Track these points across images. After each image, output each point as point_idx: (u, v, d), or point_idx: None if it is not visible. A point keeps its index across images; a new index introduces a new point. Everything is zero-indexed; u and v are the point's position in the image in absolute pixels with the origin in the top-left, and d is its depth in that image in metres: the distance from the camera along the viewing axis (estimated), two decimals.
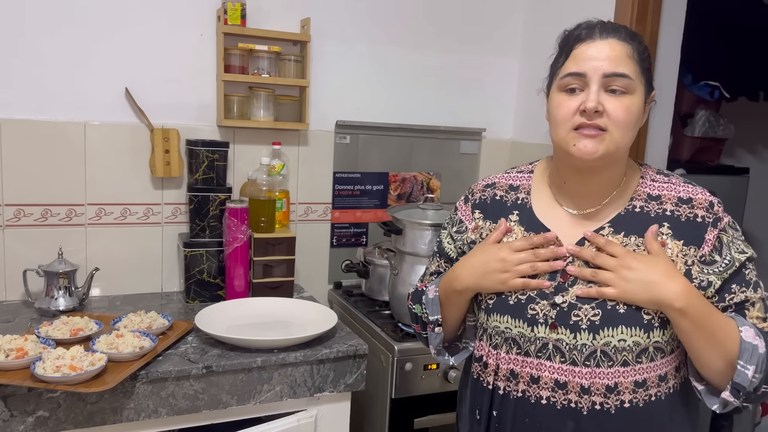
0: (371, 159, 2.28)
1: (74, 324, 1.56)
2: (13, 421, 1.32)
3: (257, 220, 1.92)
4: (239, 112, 2.03)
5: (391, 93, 2.28)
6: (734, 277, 1.03)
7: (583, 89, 1.00)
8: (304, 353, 1.56)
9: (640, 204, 1.07)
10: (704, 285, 1.02)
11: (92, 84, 1.87)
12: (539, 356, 1.05)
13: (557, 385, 1.04)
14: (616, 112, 0.99)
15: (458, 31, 2.34)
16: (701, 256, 1.03)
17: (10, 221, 1.83)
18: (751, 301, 1.03)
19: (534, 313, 1.06)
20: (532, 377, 1.06)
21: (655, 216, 1.05)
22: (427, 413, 1.81)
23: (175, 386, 1.44)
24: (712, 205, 1.05)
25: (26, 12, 1.77)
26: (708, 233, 1.03)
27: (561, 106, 1.02)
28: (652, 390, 1.04)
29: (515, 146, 2.47)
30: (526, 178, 1.18)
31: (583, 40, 1.02)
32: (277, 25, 2.03)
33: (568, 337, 1.03)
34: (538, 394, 1.05)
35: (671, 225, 1.04)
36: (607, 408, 1.03)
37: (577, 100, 1.00)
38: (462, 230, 1.20)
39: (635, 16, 1.88)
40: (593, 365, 1.02)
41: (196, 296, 1.90)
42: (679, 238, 1.04)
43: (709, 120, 2.65)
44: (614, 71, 0.98)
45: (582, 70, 1.00)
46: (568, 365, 1.03)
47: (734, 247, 1.04)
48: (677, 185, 1.08)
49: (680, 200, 1.06)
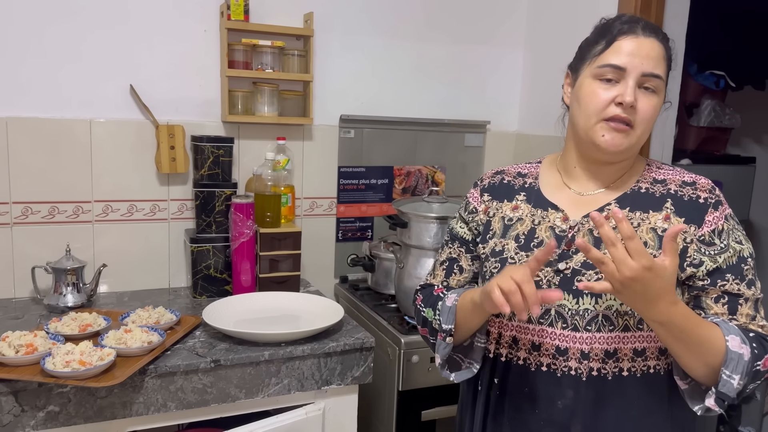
0: (376, 153, 2.28)
1: (83, 320, 1.57)
2: (24, 416, 1.33)
3: (263, 215, 1.93)
4: (244, 108, 2.03)
5: (395, 87, 2.28)
6: (732, 267, 1.03)
7: (619, 81, 1.03)
8: (312, 347, 1.56)
9: (645, 186, 1.10)
10: (695, 263, 1.03)
11: (97, 81, 1.87)
12: (541, 323, 1.07)
13: (558, 352, 1.06)
14: (645, 109, 1.03)
15: (462, 23, 2.34)
16: (701, 236, 1.04)
17: (18, 219, 1.84)
18: (744, 296, 1.03)
19: (537, 280, 1.07)
20: (533, 344, 1.08)
21: (660, 196, 1.08)
22: (435, 405, 1.82)
23: (184, 380, 1.45)
24: (714, 188, 1.09)
25: (32, 11, 1.78)
26: (709, 214, 1.05)
27: (596, 94, 1.04)
28: (651, 362, 1.06)
29: (520, 138, 2.46)
30: (534, 167, 1.22)
31: (626, 34, 1.03)
32: (280, 20, 2.03)
33: (571, 302, 1.05)
34: (539, 361, 1.07)
35: (674, 202, 1.07)
36: (604, 374, 1.04)
37: (613, 92, 1.03)
38: (473, 211, 1.22)
39: (640, 5, 1.87)
40: (594, 330, 1.04)
41: (203, 291, 1.91)
42: (681, 215, 1.06)
43: (714, 110, 2.64)
44: (652, 72, 1.02)
45: (623, 64, 1.02)
46: (570, 331, 1.05)
47: (733, 237, 1.05)
48: (681, 172, 1.13)
49: (684, 183, 1.09)
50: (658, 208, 1.07)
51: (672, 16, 1.93)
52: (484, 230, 1.19)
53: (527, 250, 1.11)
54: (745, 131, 2.96)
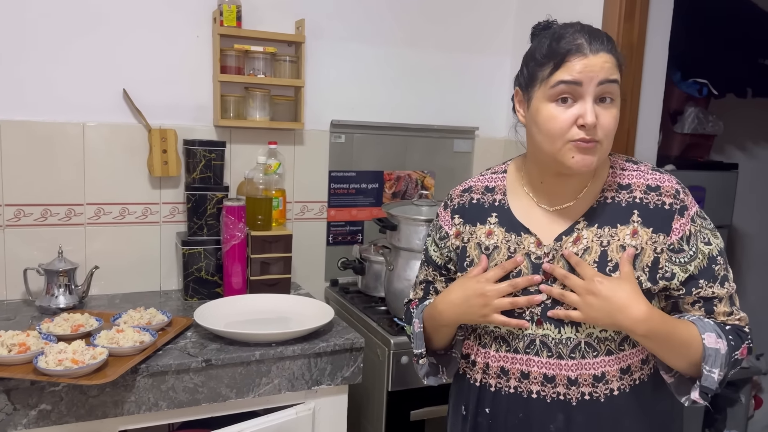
0: (366, 158, 2.32)
1: (75, 320, 1.58)
2: (16, 414, 1.34)
3: (254, 219, 1.95)
4: (236, 112, 2.06)
5: (385, 92, 2.32)
6: (703, 271, 1.06)
7: (576, 100, 1.01)
8: (302, 347, 1.59)
9: (611, 195, 1.10)
10: (668, 276, 1.06)
11: (91, 85, 1.89)
12: (527, 352, 1.09)
13: (546, 379, 1.08)
14: (607, 124, 1.01)
15: (451, 30, 2.38)
16: (670, 244, 1.06)
17: (10, 221, 1.85)
18: (719, 297, 1.06)
19: (521, 311, 1.10)
20: (523, 373, 1.10)
21: (626, 205, 1.08)
22: (423, 405, 1.84)
23: (175, 380, 1.47)
24: (678, 192, 1.08)
25: (25, 15, 1.80)
26: (675, 221, 1.06)
27: (555, 118, 1.02)
28: (636, 374, 1.09)
29: (508, 144, 2.50)
30: (500, 178, 1.20)
31: (574, 54, 1.01)
32: (272, 26, 2.06)
33: (553, 332, 1.08)
34: (529, 388, 1.10)
35: (640, 213, 1.07)
36: (596, 397, 1.06)
37: (572, 111, 1.01)
38: (444, 236, 1.22)
39: (623, 15, 1.92)
40: (579, 357, 1.07)
41: (194, 294, 1.93)
42: (649, 225, 1.06)
43: (698, 117, 2.69)
44: (607, 77, 1.00)
45: (578, 78, 1.00)
46: (555, 359, 1.07)
47: (701, 238, 1.06)
48: (645, 173, 1.11)
49: (648, 188, 1.09)
50: (625, 220, 1.07)
51: (655, 25, 1.98)
52: (460, 256, 1.18)
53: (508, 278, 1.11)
54: (727, 138, 3.03)
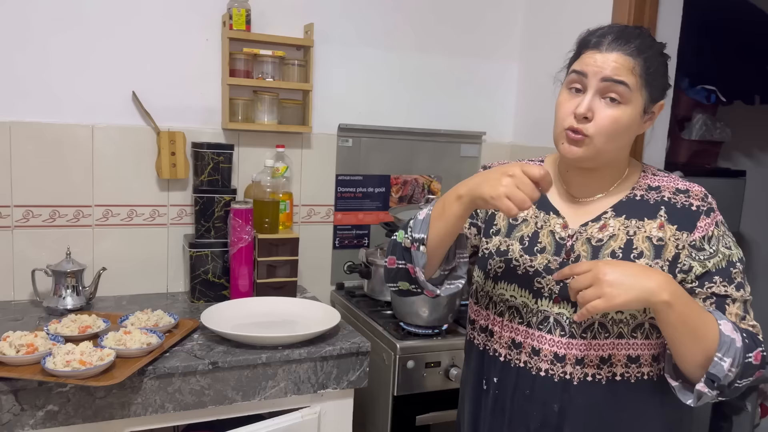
0: (373, 162, 2.32)
1: (82, 322, 1.58)
2: (24, 415, 1.34)
3: (261, 221, 1.96)
4: (244, 116, 2.06)
5: (393, 97, 2.32)
6: (720, 270, 1.06)
7: (585, 92, 1.05)
8: (308, 350, 1.59)
9: (640, 193, 1.13)
10: (685, 269, 1.07)
11: (100, 88, 1.91)
12: (540, 329, 1.11)
13: (556, 358, 1.09)
14: (603, 121, 1.03)
15: (458, 35, 2.38)
16: (692, 241, 1.08)
17: (19, 222, 1.86)
18: (732, 297, 1.06)
19: (540, 287, 1.11)
20: (534, 349, 1.11)
21: (654, 203, 1.11)
22: (429, 410, 1.83)
23: (182, 382, 1.47)
24: (706, 196, 1.11)
25: (35, 17, 1.81)
26: (701, 221, 1.08)
27: (561, 104, 1.08)
28: (645, 368, 1.09)
29: (515, 149, 2.50)
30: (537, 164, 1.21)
31: (591, 48, 1.06)
32: (281, 30, 2.07)
33: (569, 311, 1.09)
34: (538, 365, 1.11)
35: (667, 210, 1.10)
36: (599, 379, 1.08)
37: (575, 102, 1.05)
38: None
39: (632, 20, 1.92)
40: (590, 337, 1.08)
41: (201, 296, 1.93)
42: (674, 222, 1.09)
43: (705, 123, 2.69)
44: (612, 77, 1.02)
45: (584, 70, 1.05)
46: (567, 338, 1.09)
47: (723, 242, 1.08)
48: (675, 180, 1.15)
49: (678, 190, 1.12)
50: (652, 215, 1.10)
51: (664, 31, 1.98)
52: (488, 223, 1.21)
53: (530, 254, 1.14)
54: (735, 145, 3.02)
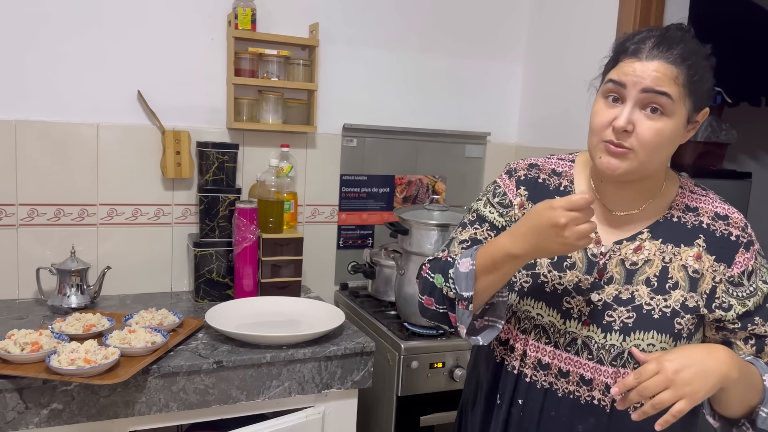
0: (377, 162, 2.32)
1: (87, 320, 1.58)
2: (28, 413, 1.34)
3: (266, 221, 1.96)
4: (249, 115, 2.06)
5: (398, 97, 2.32)
6: (759, 309, 1.03)
7: (623, 102, 0.98)
8: (312, 350, 1.58)
9: (678, 214, 1.08)
10: (725, 307, 1.03)
11: (105, 87, 1.91)
12: (568, 350, 1.06)
13: (582, 381, 1.06)
14: (645, 134, 0.97)
15: (463, 35, 2.38)
16: (730, 276, 1.04)
17: (24, 220, 1.86)
18: None
19: (569, 307, 1.06)
20: (561, 371, 1.07)
21: (691, 227, 1.06)
22: (433, 411, 1.83)
23: (186, 381, 1.47)
24: (747, 226, 1.06)
25: (41, 16, 1.82)
26: (740, 254, 1.04)
27: (598, 114, 1.01)
28: None
29: (519, 150, 2.50)
30: (568, 166, 1.16)
31: (630, 56, 0.99)
32: (286, 30, 2.07)
33: (598, 336, 1.04)
34: (566, 388, 1.07)
35: (706, 238, 1.05)
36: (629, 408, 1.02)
37: (613, 113, 0.99)
38: (506, 204, 1.15)
39: (638, 22, 1.91)
40: (619, 365, 1.03)
41: (205, 295, 1.93)
42: (712, 253, 1.04)
43: (711, 125, 2.68)
44: (653, 87, 0.96)
45: (623, 80, 0.98)
46: (595, 363, 1.04)
47: (760, 275, 1.05)
48: (714, 200, 1.09)
49: (717, 215, 1.07)
50: (689, 242, 1.05)
51: None
52: None
53: (560, 269, 1.08)
54: (741, 147, 3.01)
